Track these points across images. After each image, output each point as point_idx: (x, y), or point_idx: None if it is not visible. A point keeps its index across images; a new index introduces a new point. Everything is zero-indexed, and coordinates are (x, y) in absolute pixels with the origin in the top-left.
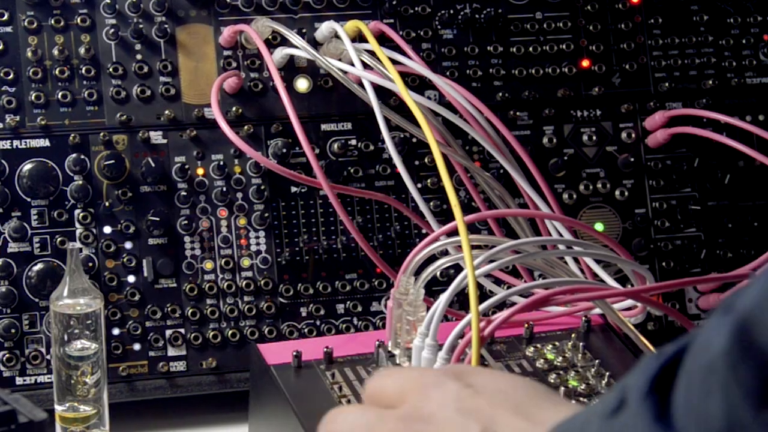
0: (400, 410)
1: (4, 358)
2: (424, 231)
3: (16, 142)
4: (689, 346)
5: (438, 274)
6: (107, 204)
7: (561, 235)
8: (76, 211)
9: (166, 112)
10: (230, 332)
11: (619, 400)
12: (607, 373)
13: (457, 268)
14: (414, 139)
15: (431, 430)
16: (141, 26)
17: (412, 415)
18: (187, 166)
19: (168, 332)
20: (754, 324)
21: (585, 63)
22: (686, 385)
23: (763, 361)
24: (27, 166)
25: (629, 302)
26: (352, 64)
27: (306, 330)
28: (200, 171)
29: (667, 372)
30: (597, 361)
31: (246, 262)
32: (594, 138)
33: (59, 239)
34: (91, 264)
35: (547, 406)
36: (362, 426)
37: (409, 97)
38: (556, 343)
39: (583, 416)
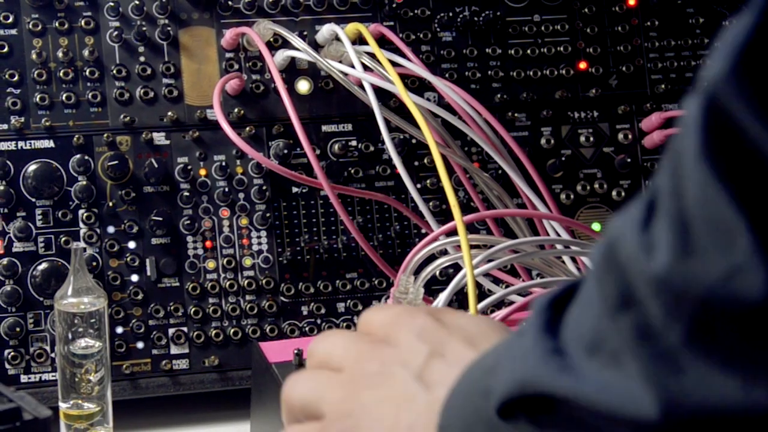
0: (374, 337)
1: (10, 356)
2: (423, 231)
3: (21, 143)
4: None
5: (437, 273)
6: (111, 204)
7: (559, 235)
8: (80, 211)
9: (169, 113)
10: (232, 331)
11: (524, 324)
12: None
13: (456, 268)
14: (413, 140)
15: (390, 350)
16: (144, 29)
17: (382, 340)
18: (189, 167)
19: (171, 331)
20: (617, 244)
21: (582, 65)
22: (576, 302)
23: (620, 275)
24: (32, 167)
25: None
26: (353, 66)
27: (307, 328)
28: (203, 172)
29: (567, 294)
30: None
31: (248, 262)
32: (591, 139)
33: (63, 239)
34: (95, 263)
35: (497, 339)
36: (338, 346)
37: (408, 99)
38: None
39: (498, 343)
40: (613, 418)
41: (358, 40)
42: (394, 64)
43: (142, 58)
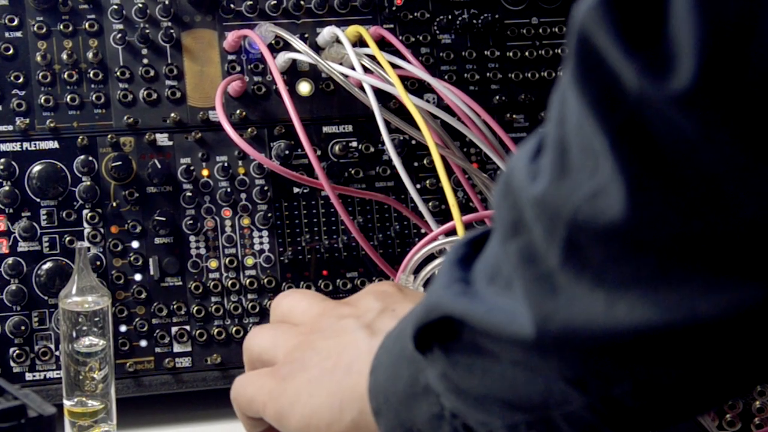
0: (336, 300)
1: (15, 355)
2: (423, 230)
3: (26, 144)
4: None
5: (436, 272)
6: (114, 204)
7: None
8: (85, 212)
9: (172, 114)
10: (234, 329)
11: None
12: None
13: None
14: (413, 141)
15: (348, 308)
16: (147, 31)
17: (344, 302)
18: (192, 168)
19: (174, 329)
20: (512, 174)
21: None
22: (489, 241)
23: (512, 203)
24: (36, 168)
25: None
26: (353, 68)
27: None
28: (205, 172)
29: (487, 233)
30: None
31: (250, 261)
32: None
33: (68, 239)
34: (98, 263)
35: None
36: (301, 303)
37: (408, 101)
38: None
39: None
40: (499, 338)
41: (359, 43)
42: (394, 66)
43: (145, 61)
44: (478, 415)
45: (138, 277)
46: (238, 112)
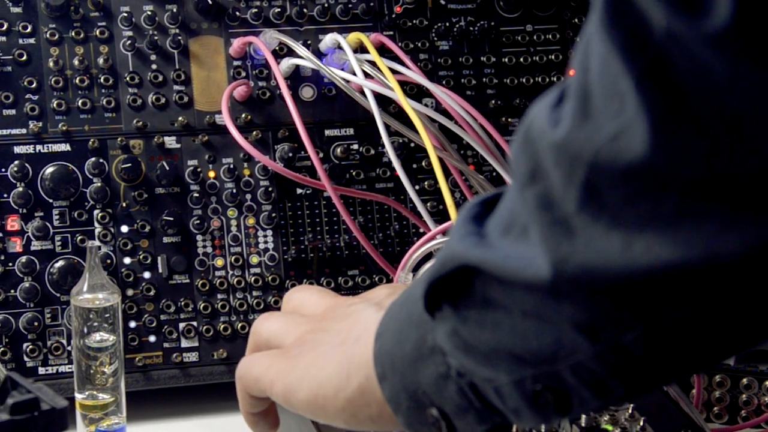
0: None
1: (28, 349)
2: (421, 230)
3: (39, 147)
4: None
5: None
6: (124, 205)
7: None
8: (95, 212)
9: (180, 118)
10: (240, 325)
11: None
12: None
13: None
14: (412, 144)
15: (358, 300)
16: (156, 38)
17: (354, 298)
18: (199, 169)
19: (181, 325)
20: (532, 124)
21: (572, 72)
22: (501, 200)
23: (531, 150)
24: (49, 169)
25: None
26: (354, 74)
27: None
28: (212, 174)
29: (500, 195)
30: None
31: (255, 259)
32: None
33: (79, 238)
34: (109, 261)
35: None
36: (313, 297)
37: (407, 105)
38: None
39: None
40: (514, 284)
41: (360, 49)
42: (393, 71)
43: (154, 66)
44: (485, 371)
45: (147, 274)
46: (243, 115)
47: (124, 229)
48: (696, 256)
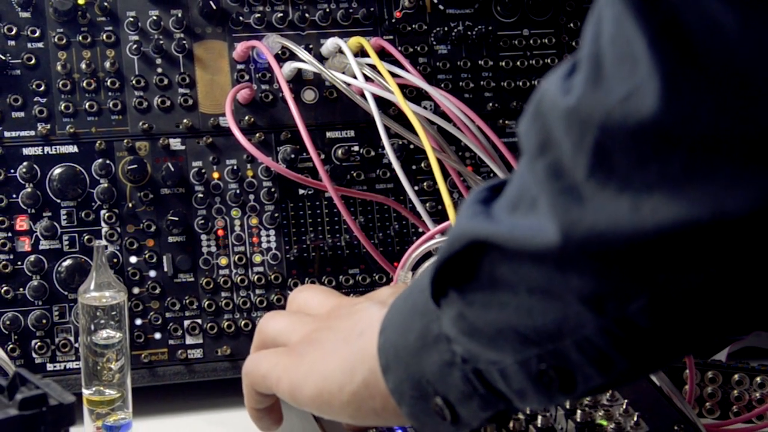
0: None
1: (36, 346)
2: (420, 229)
3: (47, 149)
4: None
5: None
6: (130, 205)
7: None
8: (102, 212)
9: (185, 120)
10: (243, 322)
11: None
12: None
13: None
14: (411, 146)
15: (362, 300)
16: (161, 42)
17: (358, 299)
18: (203, 171)
19: (186, 322)
20: (543, 95)
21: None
22: (508, 183)
23: (542, 122)
24: (57, 171)
25: None
26: (355, 77)
27: None
28: (216, 175)
29: (506, 182)
30: None
31: (257, 258)
32: None
33: (86, 237)
34: (115, 260)
35: None
36: (317, 297)
37: (407, 107)
38: None
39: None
40: (522, 254)
41: (360, 53)
42: (393, 75)
43: (159, 70)
44: (490, 353)
45: (152, 273)
46: (246, 118)
47: (131, 228)
48: (704, 213)
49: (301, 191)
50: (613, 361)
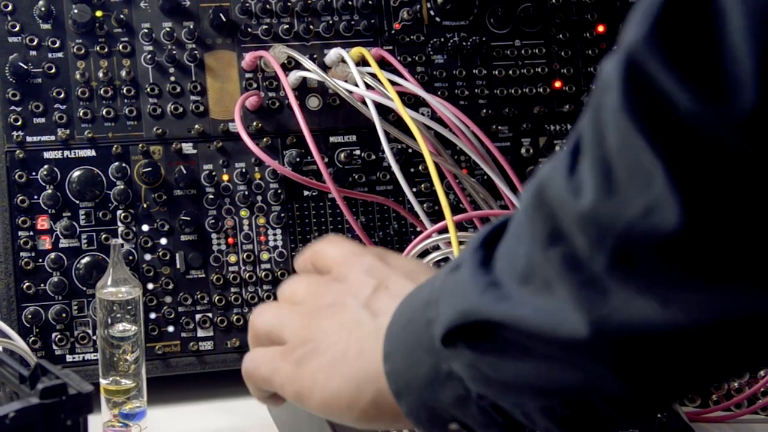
0: (328, 276)
1: (57, 339)
2: (418, 229)
3: (66, 152)
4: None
5: (430, 266)
6: (145, 206)
7: None
8: (119, 212)
9: (196, 126)
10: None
11: (458, 262)
12: None
13: (447, 261)
14: (410, 150)
15: (342, 285)
16: (174, 52)
17: (335, 278)
18: (214, 173)
19: (198, 316)
20: (546, 186)
21: (558, 84)
22: (506, 239)
23: (549, 213)
24: (76, 173)
25: None
26: (357, 85)
27: None
28: (225, 177)
29: (496, 233)
30: None
31: (265, 256)
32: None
33: (104, 236)
34: (131, 257)
35: (433, 275)
36: (300, 286)
37: (405, 114)
38: None
39: (433, 277)
40: (546, 339)
41: (362, 62)
42: (393, 83)
43: (172, 78)
44: (508, 399)
45: (166, 270)
46: (254, 123)
47: (145, 228)
48: (735, 313)
49: (305, 192)
50: (639, 409)
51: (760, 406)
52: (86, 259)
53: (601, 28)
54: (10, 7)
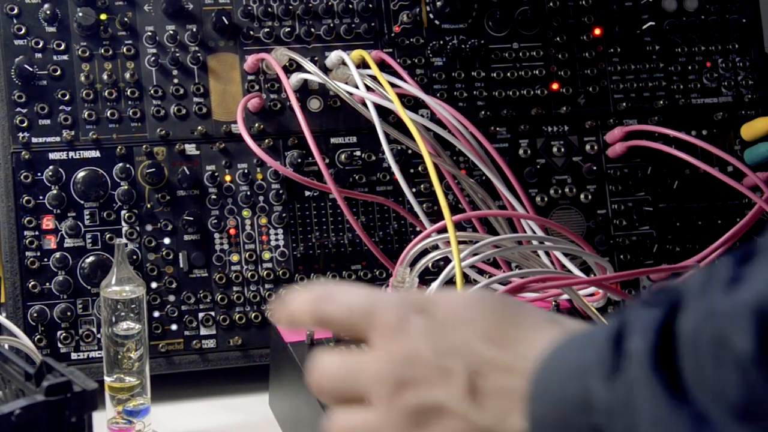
0: (378, 355)
1: (62, 337)
2: (418, 229)
3: (71, 153)
4: (677, 316)
5: (430, 265)
6: (149, 206)
7: (534, 232)
8: (123, 212)
9: (199, 127)
10: (253, 315)
11: (615, 358)
12: None
13: (446, 260)
14: (409, 151)
15: (416, 375)
16: (177, 55)
17: (394, 360)
18: (216, 174)
19: (200, 315)
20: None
21: (555, 86)
22: (695, 358)
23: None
24: (81, 174)
25: (592, 289)
26: (357, 87)
27: None
28: (228, 178)
29: (664, 340)
30: None
31: (266, 255)
32: (562, 150)
33: (108, 236)
34: (135, 257)
35: (522, 330)
36: (345, 377)
37: (405, 115)
38: None
39: (575, 361)
40: None
41: (362, 65)
42: (393, 85)
43: (175, 80)
44: None
45: (169, 269)
46: (256, 125)
47: (149, 227)
48: None
49: (307, 193)
50: None
51: None
52: (91, 259)
53: (597, 31)
54: (16, 11)
